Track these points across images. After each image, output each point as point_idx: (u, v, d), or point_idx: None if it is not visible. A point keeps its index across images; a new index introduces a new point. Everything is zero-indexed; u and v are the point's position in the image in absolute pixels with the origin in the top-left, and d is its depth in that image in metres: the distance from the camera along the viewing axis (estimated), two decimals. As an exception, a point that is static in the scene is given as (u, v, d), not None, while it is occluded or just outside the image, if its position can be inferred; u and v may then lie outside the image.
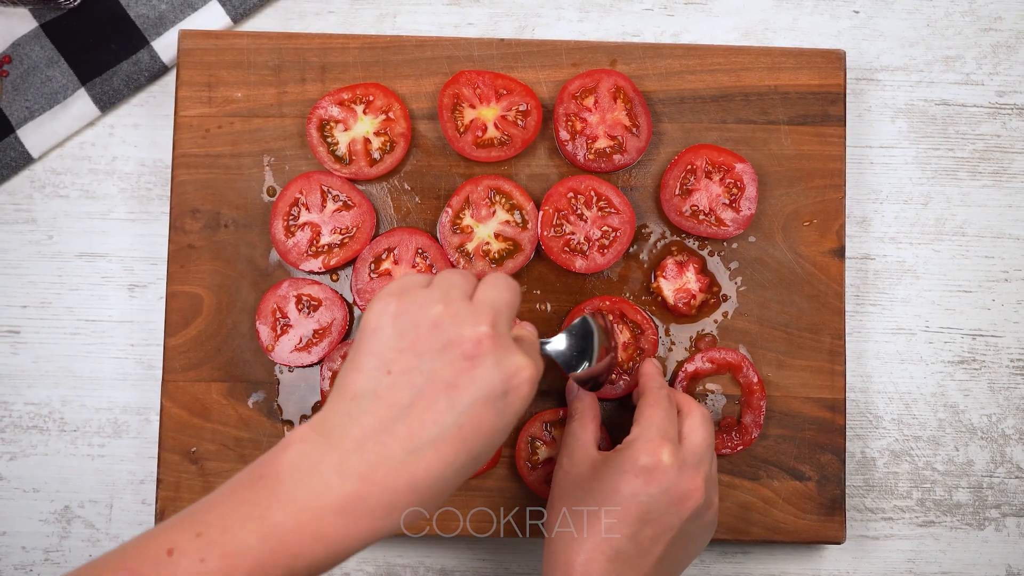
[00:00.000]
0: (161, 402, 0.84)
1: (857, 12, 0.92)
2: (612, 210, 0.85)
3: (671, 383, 0.86)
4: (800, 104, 0.87)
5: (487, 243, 0.85)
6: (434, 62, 0.87)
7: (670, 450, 0.73)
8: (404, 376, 0.60)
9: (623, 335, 0.85)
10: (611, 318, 0.84)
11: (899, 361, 0.90)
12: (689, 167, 0.86)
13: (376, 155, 0.86)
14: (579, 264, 0.85)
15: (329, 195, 0.85)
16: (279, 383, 0.85)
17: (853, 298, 0.90)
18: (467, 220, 0.85)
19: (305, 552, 0.57)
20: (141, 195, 0.89)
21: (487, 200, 0.85)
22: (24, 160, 0.88)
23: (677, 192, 0.86)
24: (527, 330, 0.71)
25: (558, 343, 0.77)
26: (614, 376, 0.85)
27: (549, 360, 0.77)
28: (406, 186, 0.87)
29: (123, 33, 0.89)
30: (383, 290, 0.63)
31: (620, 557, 0.72)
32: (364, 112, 0.86)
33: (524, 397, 0.61)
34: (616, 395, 0.85)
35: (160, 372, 0.87)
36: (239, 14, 0.89)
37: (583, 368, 0.77)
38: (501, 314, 0.63)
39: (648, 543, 0.72)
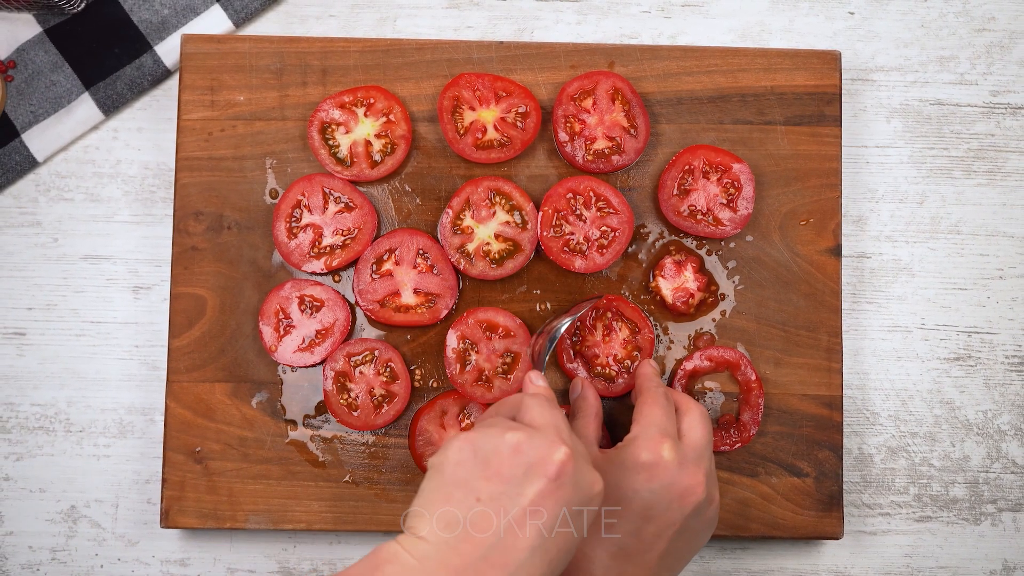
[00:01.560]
0: (166, 402, 0.85)
1: (852, 13, 0.93)
2: (611, 210, 0.86)
3: (670, 381, 0.86)
4: (796, 104, 0.88)
5: (487, 243, 0.86)
6: (434, 65, 0.88)
7: (670, 446, 0.73)
8: (493, 503, 0.62)
9: (622, 332, 0.86)
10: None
11: (895, 358, 0.91)
12: (687, 167, 0.87)
13: (377, 157, 0.87)
14: (578, 264, 0.86)
15: (331, 197, 0.86)
16: (282, 383, 0.86)
17: (850, 296, 0.91)
18: (468, 221, 0.86)
19: None
20: (145, 198, 0.90)
21: (487, 201, 0.86)
22: (29, 164, 0.89)
23: (675, 192, 0.87)
24: (587, 409, 0.79)
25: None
26: (613, 373, 0.85)
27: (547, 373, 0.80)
28: (407, 188, 0.87)
29: (126, 38, 0.89)
30: (455, 435, 0.66)
31: (623, 553, 0.72)
32: (365, 115, 0.87)
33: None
34: (615, 393, 0.85)
35: (164, 373, 0.88)
36: (241, 18, 0.90)
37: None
38: (564, 431, 0.66)
39: (651, 539, 0.73)
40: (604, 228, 0.86)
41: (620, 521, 0.73)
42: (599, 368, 0.85)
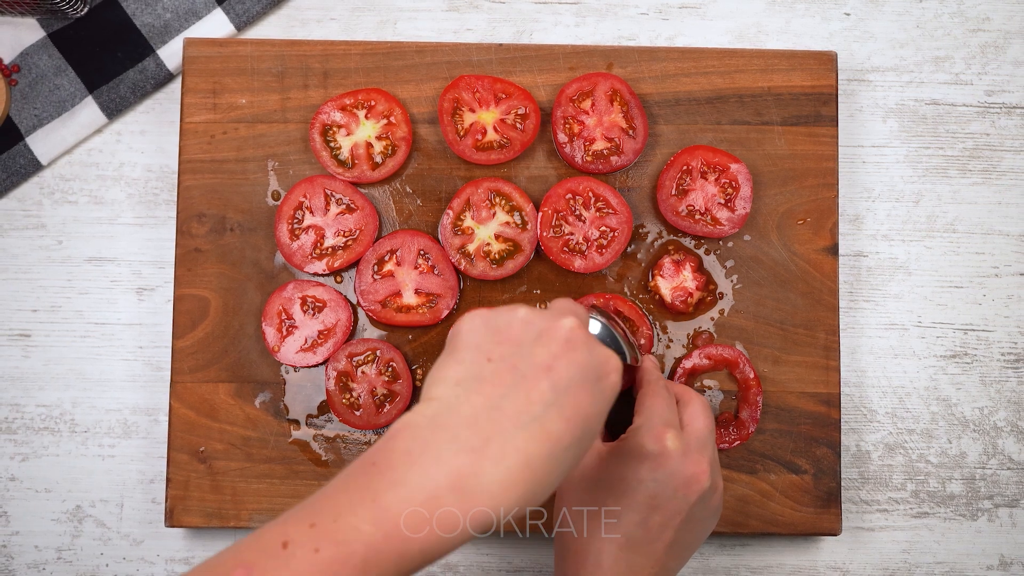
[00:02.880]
0: (169, 403, 0.86)
1: (848, 14, 0.94)
2: (610, 211, 0.87)
3: (669, 380, 0.87)
4: (793, 105, 0.89)
5: (488, 244, 0.86)
6: (434, 67, 0.88)
7: (673, 435, 0.73)
8: (504, 362, 0.60)
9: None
10: (614, 316, 0.85)
11: (892, 356, 0.91)
12: (685, 168, 0.87)
13: (378, 159, 0.87)
14: (578, 264, 0.86)
15: (332, 198, 0.87)
16: (285, 383, 0.86)
17: (847, 295, 0.91)
18: (468, 222, 0.87)
19: (419, 536, 0.56)
20: (148, 200, 0.91)
21: (487, 202, 0.87)
22: (33, 167, 0.90)
23: (673, 192, 0.87)
24: None
25: None
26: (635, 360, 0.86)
27: None
28: (408, 189, 0.88)
29: (129, 42, 0.90)
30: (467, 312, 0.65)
31: (630, 544, 0.72)
32: (366, 117, 0.87)
33: (613, 386, 0.62)
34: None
35: (168, 373, 0.88)
36: (243, 22, 0.91)
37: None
38: (581, 316, 0.65)
39: (657, 529, 0.73)
40: (603, 228, 0.87)
41: (626, 512, 0.72)
42: None
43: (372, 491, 0.56)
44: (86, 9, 0.90)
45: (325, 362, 0.86)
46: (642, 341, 0.87)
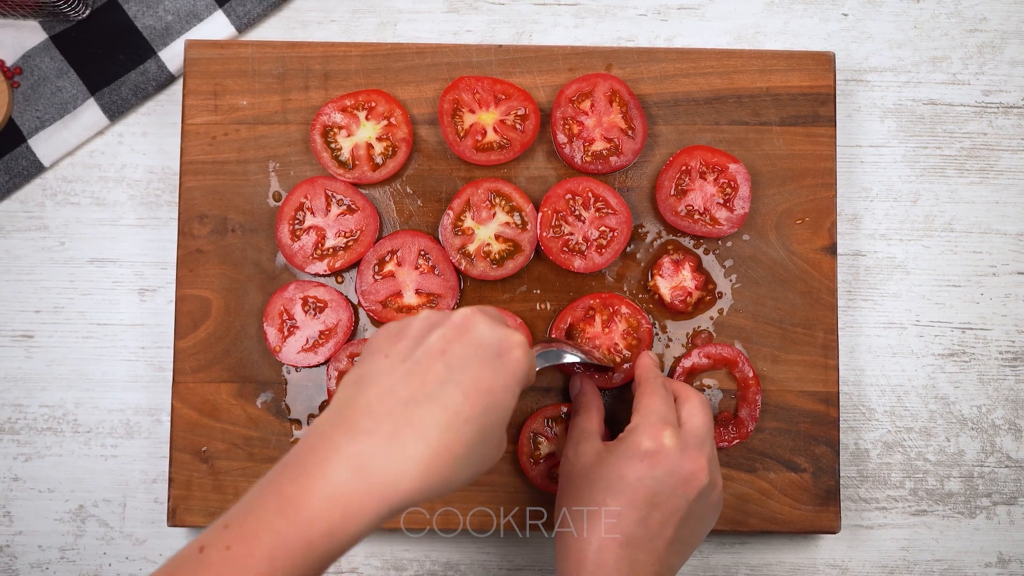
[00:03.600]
0: (172, 403, 0.86)
1: (846, 15, 0.94)
2: (609, 211, 0.87)
3: (667, 377, 0.87)
4: (791, 105, 0.89)
5: (488, 244, 0.87)
6: (434, 68, 0.89)
7: (671, 433, 0.74)
8: (399, 355, 0.63)
9: (621, 324, 0.87)
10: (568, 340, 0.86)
11: (891, 355, 0.92)
12: (684, 168, 0.88)
13: (379, 160, 0.88)
14: (578, 264, 0.87)
15: (333, 199, 0.87)
16: (287, 383, 0.87)
17: (845, 294, 0.92)
18: (468, 222, 0.87)
19: (322, 519, 0.57)
20: (150, 201, 0.91)
21: (487, 202, 0.87)
22: (36, 169, 0.90)
23: (672, 192, 0.88)
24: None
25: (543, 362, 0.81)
26: (613, 363, 0.86)
27: (548, 370, 0.81)
28: (408, 190, 0.88)
29: (131, 44, 0.90)
30: None
31: (631, 542, 0.73)
32: (366, 118, 0.88)
33: (518, 361, 0.63)
34: (614, 385, 0.87)
35: (170, 374, 0.88)
36: (243, 24, 0.91)
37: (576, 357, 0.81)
38: (486, 311, 0.66)
39: (657, 527, 0.73)
40: (603, 228, 0.87)
41: (627, 510, 0.73)
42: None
43: (277, 485, 0.59)
44: (88, 11, 0.91)
45: (326, 362, 0.86)
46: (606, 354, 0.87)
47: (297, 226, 0.87)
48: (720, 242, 0.89)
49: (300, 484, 0.58)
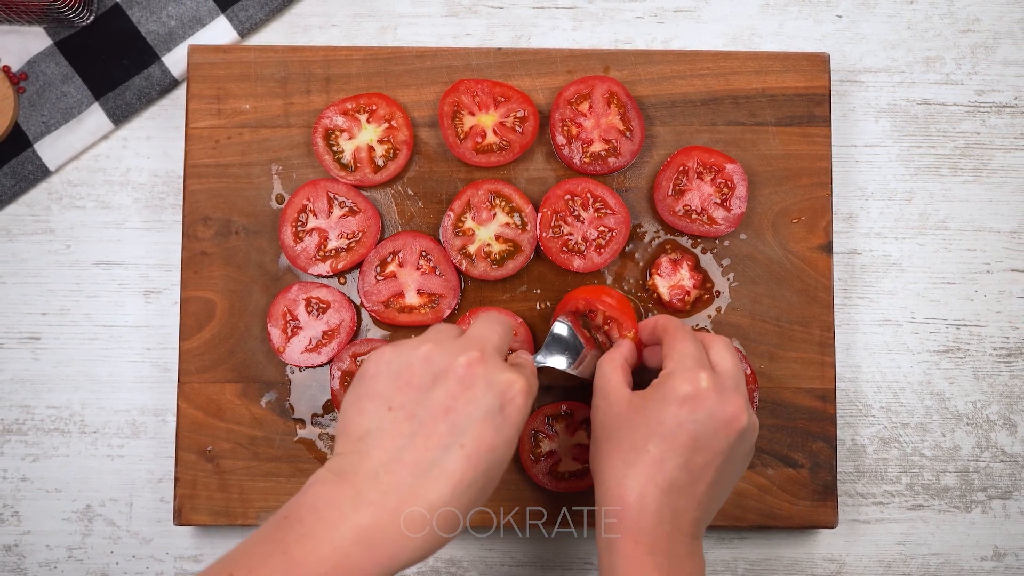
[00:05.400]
0: (177, 403, 0.87)
1: (840, 16, 0.95)
2: (608, 211, 0.88)
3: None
4: (787, 106, 0.90)
5: (488, 245, 0.88)
6: (434, 72, 0.89)
7: (707, 375, 0.73)
8: (404, 410, 0.63)
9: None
10: (590, 312, 0.86)
11: (886, 351, 0.93)
12: (681, 168, 0.88)
13: (380, 162, 0.88)
14: (577, 264, 0.87)
15: (335, 201, 0.88)
16: (290, 383, 0.88)
17: (841, 292, 0.93)
18: (469, 223, 0.88)
19: None
20: (155, 204, 0.92)
21: (487, 203, 0.88)
22: (41, 173, 0.91)
23: (670, 193, 0.88)
24: (523, 357, 0.75)
25: (548, 353, 0.81)
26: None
27: (548, 369, 0.82)
28: (409, 191, 0.89)
29: (135, 49, 0.91)
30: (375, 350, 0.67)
31: (674, 488, 0.71)
32: (368, 121, 0.88)
33: (520, 409, 0.65)
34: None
35: (176, 374, 0.89)
36: (246, 29, 0.92)
37: (576, 363, 0.81)
38: (490, 340, 0.67)
39: (699, 470, 0.72)
40: (601, 228, 0.88)
41: (669, 455, 0.71)
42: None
43: (283, 544, 0.60)
44: (92, 17, 0.91)
45: (330, 362, 0.87)
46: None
47: (300, 228, 0.87)
48: (717, 241, 0.89)
49: (307, 549, 0.59)
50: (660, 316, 0.82)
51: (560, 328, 0.82)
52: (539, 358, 0.81)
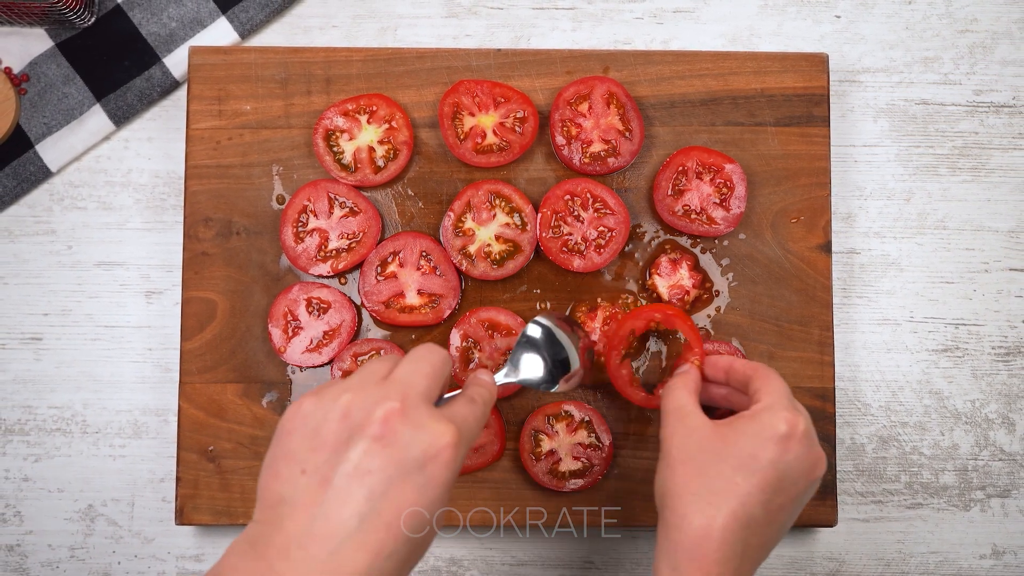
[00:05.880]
0: (179, 403, 0.87)
1: (839, 17, 0.95)
2: (607, 211, 0.88)
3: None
4: (786, 106, 0.90)
5: (488, 245, 0.88)
6: (434, 72, 0.90)
7: (805, 420, 0.72)
8: (316, 474, 0.58)
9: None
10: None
11: (885, 351, 0.93)
12: (680, 168, 0.89)
13: (380, 163, 0.89)
14: (577, 263, 0.88)
15: (336, 202, 0.88)
16: (291, 383, 0.88)
17: (840, 291, 0.93)
18: (469, 223, 0.88)
19: None
20: (156, 205, 0.92)
21: (487, 204, 0.88)
22: (43, 174, 0.91)
23: (669, 193, 0.89)
24: (476, 386, 0.69)
25: (514, 367, 0.78)
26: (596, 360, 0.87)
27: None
28: (410, 192, 0.90)
29: (136, 51, 0.91)
30: (300, 398, 0.63)
31: (751, 524, 0.70)
32: (368, 122, 0.89)
33: (446, 464, 0.59)
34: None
35: (177, 375, 0.90)
36: (246, 30, 0.92)
37: (563, 376, 0.79)
38: (414, 386, 0.62)
39: (775, 510, 0.71)
40: (601, 228, 0.88)
41: (755, 492, 0.70)
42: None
43: None
44: (93, 19, 0.92)
45: (330, 362, 0.87)
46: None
47: (301, 228, 0.87)
48: (717, 241, 0.90)
49: None
50: (736, 359, 0.80)
51: (533, 330, 0.79)
52: (501, 376, 0.78)
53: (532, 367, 0.79)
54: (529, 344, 0.79)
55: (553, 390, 0.79)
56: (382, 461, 0.58)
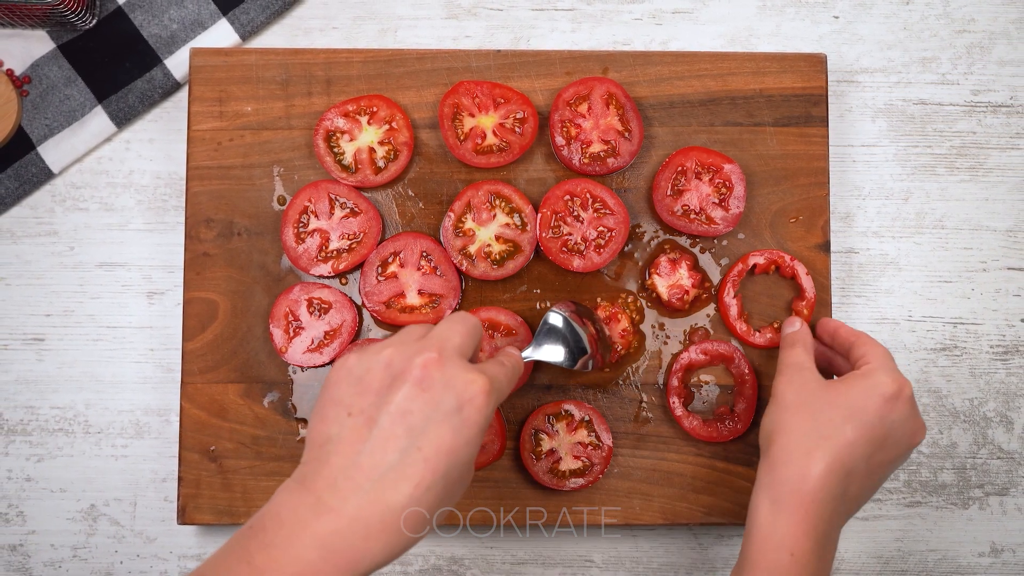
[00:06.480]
0: (180, 403, 0.87)
1: (837, 17, 0.96)
2: (607, 211, 0.88)
3: (667, 375, 0.89)
4: (784, 106, 0.90)
5: (488, 245, 0.88)
6: (434, 73, 0.90)
7: (910, 387, 0.76)
8: (362, 415, 0.63)
9: (623, 322, 0.88)
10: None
11: (884, 349, 0.93)
12: (680, 168, 0.89)
13: (381, 163, 0.89)
14: (577, 263, 0.88)
15: (337, 202, 0.88)
16: (293, 383, 0.88)
17: (839, 290, 0.93)
18: (469, 224, 0.88)
19: None
20: (157, 206, 0.93)
21: (488, 204, 0.88)
22: (45, 175, 0.92)
23: (669, 193, 0.89)
24: (507, 354, 0.74)
25: (538, 346, 0.82)
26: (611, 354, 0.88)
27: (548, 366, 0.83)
28: (410, 192, 0.90)
29: (137, 52, 0.92)
30: (343, 355, 0.68)
31: (853, 474, 0.73)
32: (368, 123, 0.89)
33: (480, 408, 0.64)
34: (758, 345, 0.88)
35: (179, 375, 0.90)
36: (247, 32, 0.93)
37: (580, 358, 0.82)
38: (450, 341, 0.67)
39: (876, 466, 0.75)
40: (601, 228, 0.88)
41: (861, 442, 0.73)
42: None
43: (248, 553, 0.61)
44: (94, 21, 0.92)
45: (331, 362, 0.88)
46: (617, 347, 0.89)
47: (302, 229, 0.88)
48: (716, 241, 0.90)
49: (270, 556, 0.60)
50: (842, 325, 0.84)
51: (555, 319, 0.83)
52: (528, 352, 0.82)
53: (553, 350, 0.83)
54: (550, 331, 0.83)
55: (574, 367, 0.83)
56: (421, 403, 0.63)
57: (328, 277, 0.88)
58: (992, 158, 0.94)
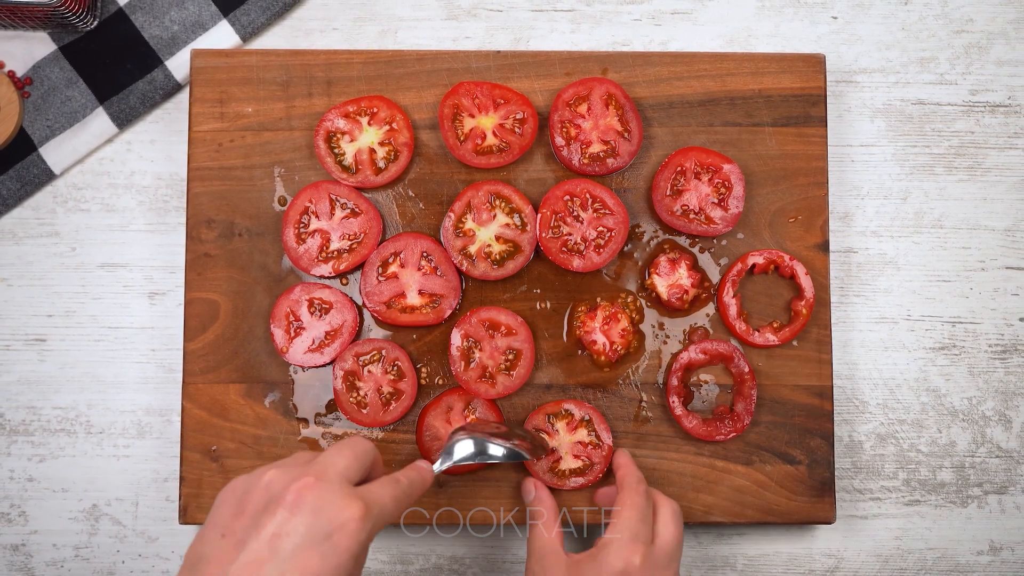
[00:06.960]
0: (182, 403, 0.88)
1: (835, 18, 0.96)
2: (607, 211, 0.88)
3: (667, 374, 0.89)
4: (783, 106, 0.91)
5: (488, 245, 0.88)
6: (434, 74, 0.90)
7: (642, 554, 0.77)
8: (234, 536, 0.64)
9: (622, 321, 0.88)
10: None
11: (883, 349, 0.93)
12: (679, 169, 0.89)
13: (381, 164, 0.89)
14: (576, 263, 0.88)
15: (337, 203, 0.89)
16: (294, 383, 0.88)
17: (838, 290, 0.93)
18: (469, 224, 0.88)
19: None
20: (158, 207, 0.93)
21: (488, 204, 0.89)
22: (47, 176, 0.92)
23: (668, 193, 0.89)
24: (411, 470, 0.74)
25: (447, 457, 0.79)
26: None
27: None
28: (410, 193, 0.90)
29: (138, 54, 0.92)
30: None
31: None
32: (369, 123, 0.89)
33: (351, 535, 0.64)
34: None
35: (180, 375, 0.90)
36: (248, 33, 0.93)
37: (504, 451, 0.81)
38: (333, 466, 0.67)
39: None
40: (600, 228, 0.88)
41: None
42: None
43: None
44: (96, 23, 0.92)
45: (332, 362, 0.88)
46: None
47: (302, 229, 0.88)
48: (715, 240, 0.90)
49: None
50: (618, 456, 0.85)
51: (461, 447, 0.80)
52: (437, 465, 0.79)
53: (464, 449, 0.80)
54: (458, 447, 0.80)
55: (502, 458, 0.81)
56: (292, 527, 0.63)
57: (329, 277, 0.89)
58: (990, 158, 0.95)
